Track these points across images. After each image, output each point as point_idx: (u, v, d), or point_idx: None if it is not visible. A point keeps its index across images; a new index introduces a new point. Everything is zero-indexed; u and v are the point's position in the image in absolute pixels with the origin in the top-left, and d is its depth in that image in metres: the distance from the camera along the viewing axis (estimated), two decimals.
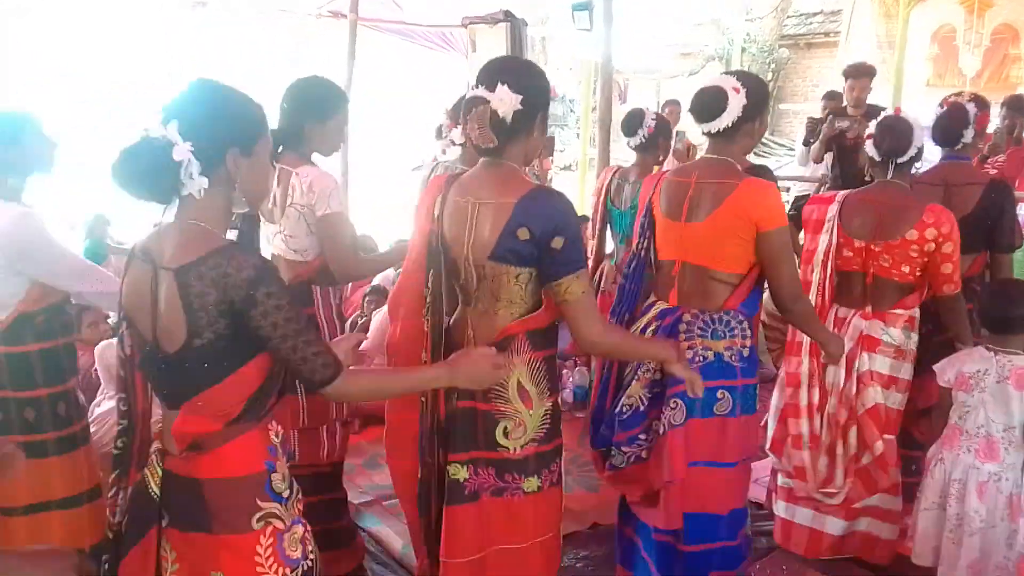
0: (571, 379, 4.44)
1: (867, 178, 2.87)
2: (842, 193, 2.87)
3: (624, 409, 2.22)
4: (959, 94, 3.19)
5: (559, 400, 1.95)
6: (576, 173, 8.39)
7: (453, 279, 1.89)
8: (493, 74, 1.75)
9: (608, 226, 3.78)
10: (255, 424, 1.43)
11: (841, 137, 4.78)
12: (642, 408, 2.20)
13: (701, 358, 2.17)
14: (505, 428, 1.82)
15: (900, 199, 2.69)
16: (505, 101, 1.71)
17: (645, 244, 2.32)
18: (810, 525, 2.88)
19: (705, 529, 2.26)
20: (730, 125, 2.14)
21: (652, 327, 2.25)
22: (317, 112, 2.37)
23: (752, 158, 3.76)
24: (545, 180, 7.13)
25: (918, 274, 2.70)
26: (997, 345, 2.48)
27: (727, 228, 2.13)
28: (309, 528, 1.51)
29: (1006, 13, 7.92)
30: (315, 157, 2.42)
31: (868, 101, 5.03)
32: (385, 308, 3.45)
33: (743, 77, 2.21)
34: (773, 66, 9.48)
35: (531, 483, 1.85)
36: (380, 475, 3.23)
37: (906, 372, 2.74)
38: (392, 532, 2.88)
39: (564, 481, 1.99)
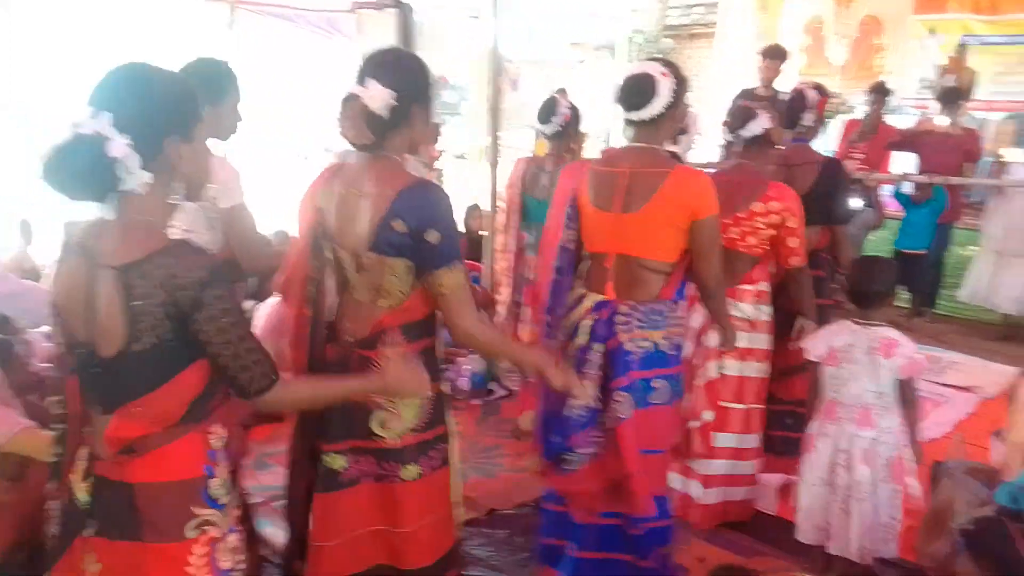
0: (468, 366, 4.44)
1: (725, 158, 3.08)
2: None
3: (576, 411, 2.21)
4: (804, 82, 3.44)
5: (449, 387, 1.98)
6: (469, 162, 8.35)
7: (337, 270, 1.87)
8: (365, 69, 1.75)
9: (525, 217, 3.79)
10: (195, 427, 1.36)
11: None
12: (595, 406, 2.22)
13: (640, 349, 2.21)
14: (380, 419, 1.82)
15: (749, 176, 2.92)
16: (376, 97, 1.71)
17: (573, 236, 2.31)
18: (681, 490, 3.06)
19: (661, 504, 2.35)
20: (661, 112, 2.15)
21: (588, 321, 2.25)
22: (208, 95, 2.29)
23: None
24: (432, 168, 7.07)
25: (766, 247, 2.87)
26: (862, 318, 2.66)
27: (663, 218, 2.15)
28: (243, 535, 1.46)
29: (872, 5, 8.41)
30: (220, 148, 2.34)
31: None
32: (268, 301, 3.36)
33: (667, 64, 2.23)
34: (659, 56, 9.74)
35: (410, 471, 1.86)
36: (268, 476, 3.15)
37: (761, 342, 2.97)
38: (283, 534, 2.81)
39: (461, 469, 2.01)
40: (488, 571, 2.76)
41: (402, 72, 1.79)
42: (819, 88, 3.38)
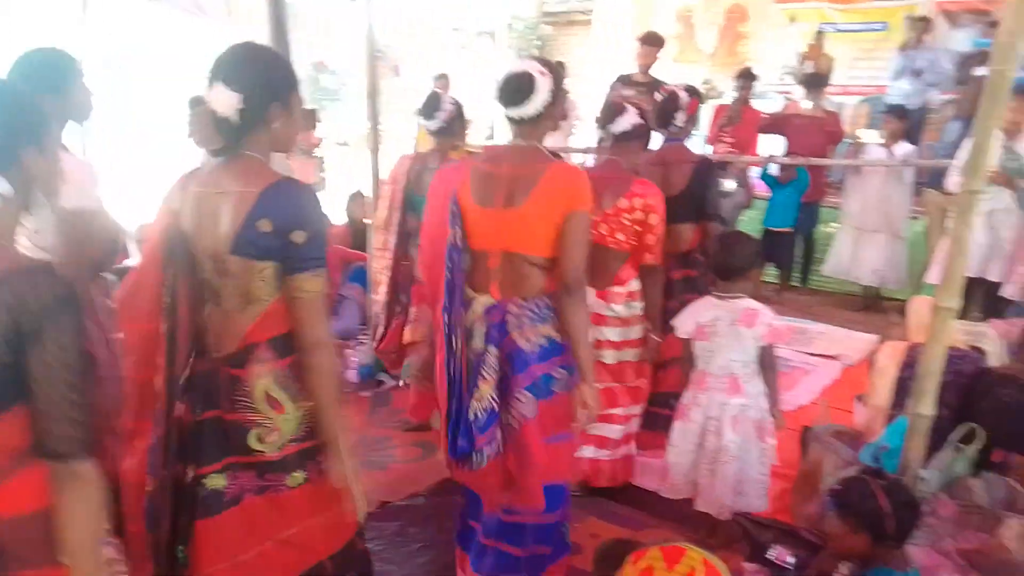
0: (355, 358, 4.35)
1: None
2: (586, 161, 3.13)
3: (478, 415, 2.18)
4: (678, 85, 3.53)
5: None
6: (352, 149, 8.18)
7: (197, 277, 1.77)
8: (213, 70, 1.64)
9: (410, 214, 3.68)
10: None
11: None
12: (495, 407, 2.19)
13: (536, 345, 2.21)
14: (257, 435, 1.74)
15: (616, 172, 2.98)
16: (223, 101, 1.62)
17: (461, 234, 2.26)
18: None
19: (557, 497, 2.35)
20: (541, 110, 2.14)
21: (482, 325, 2.22)
22: (49, 84, 2.14)
23: None
24: (312, 155, 6.85)
25: (633, 243, 2.97)
26: (724, 292, 2.79)
27: (542, 212, 2.15)
28: (119, 546, 1.39)
29: None
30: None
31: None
32: None
33: (541, 61, 2.23)
34: (538, 43, 9.83)
35: (295, 478, 1.80)
36: None
37: (635, 333, 3.09)
38: None
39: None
40: (380, 564, 2.71)
41: (253, 72, 1.67)
42: (690, 89, 3.49)
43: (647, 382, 3.21)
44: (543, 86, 2.15)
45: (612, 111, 3.01)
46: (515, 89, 2.17)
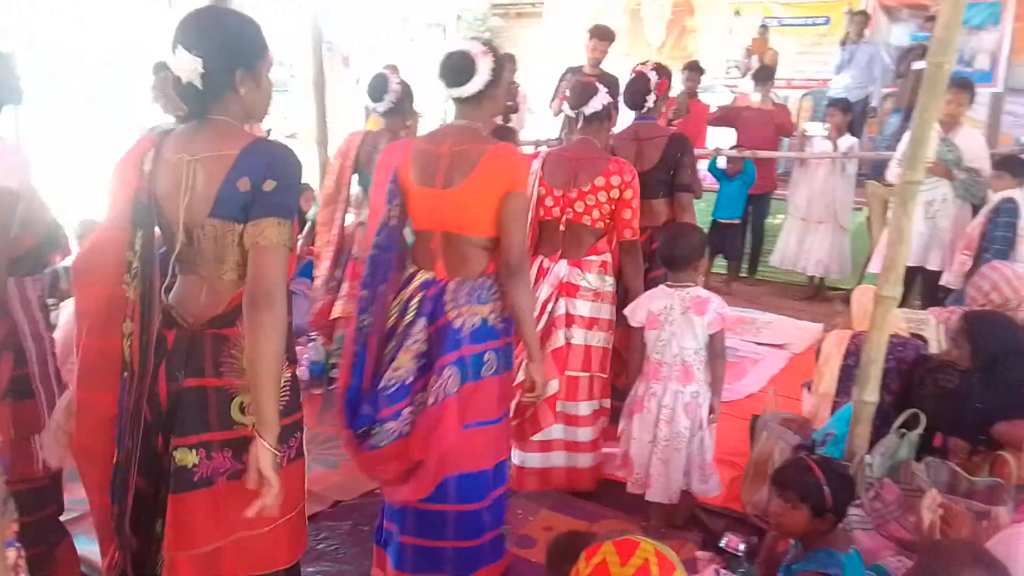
0: (307, 355, 4.28)
1: (561, 136, 3.15)
2: (545, 151, 3.13)
3: (391, 383, 2.16)
4: (644, 63, 3.57)
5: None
6: (301, 141, 8.03)
7: (167, 244, 1.71)
8: (176, 33, 1.60)
9: (355, 192, 3.68)
10: None
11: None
12: (409, 380, 2.16)
13: (470, 325, 2.19)
14: (241, 403, 1.68)
15: (591, 152, 3.02)
16: (185, 66, 1.57)
17: (396, 212, 2.26)
18: (516, 463, 3.11)
19: (477, 486, 2.30)
20: (481, 89, 2.15)
21: (416, 298, 2.21)
22: None
23: None
24: None
25: (607, 221, 3.00)
26: (675, 281, 2.84)
27: (481, 193, 2.14)
28: (23, 552, 1.28)
29: None
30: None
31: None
32: (71, 301, 3.04)
33: (486, 43, 2.23)
34: (488, 34, 9.80)
35: None
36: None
37: (606, 312, 3.08)
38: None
39: (305, 460, 1.89)
40: (334, 565, 2.67)
41: (218, 36, 1.62)
42: (659, 68, 3.53)
43: (605, 382, 3.18)
44: (484, 66, 2.16)
45: (585, 92, 3.06)
46: (455, 68, 2.17)
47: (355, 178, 3.72)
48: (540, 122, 8.05)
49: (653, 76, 3.43)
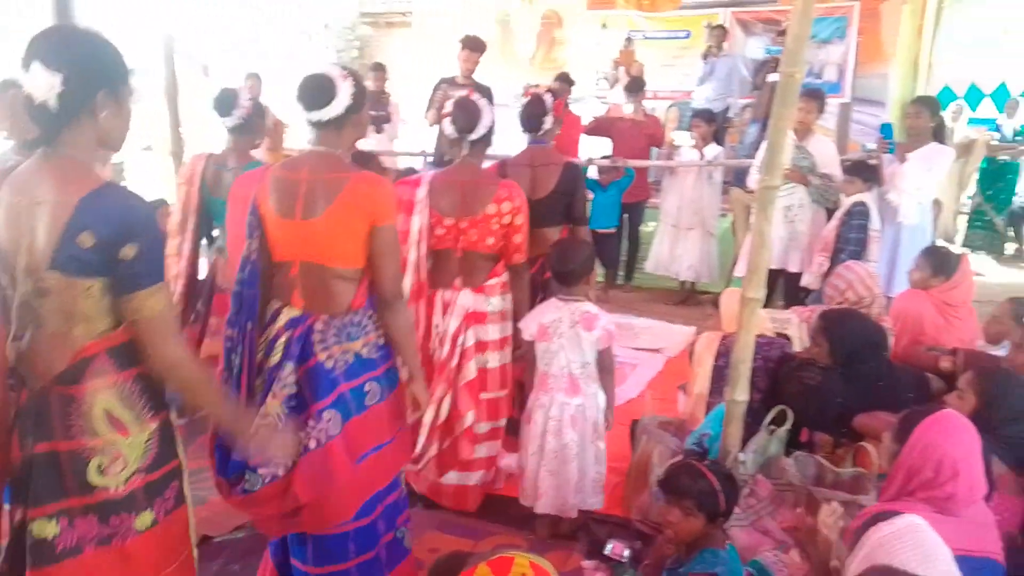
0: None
1: (446, 158, 3.06)
2: (428, 175, 3.06)
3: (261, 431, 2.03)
4: (536, 86, 3.56)
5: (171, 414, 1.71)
6: (157, 154, 7.61)
7: (10, 293, 1.57)
8: (30, 49, 1.46)
9: (208, 218, 3.46)
10: None
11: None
12: (280, 426, 2.06)
13: (343, 363, 2.11)
14: (99, 465, 1.54)
15: (478, 177, 2.95)
16: (41, 84, 1.43)
17: (256, 246, 2.14)
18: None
19: (372, 501, 2.25)
20: (342, 113, 2.07)
21: (282, 338, 2.10)
22: None
23: None
24: (108, 162, 6.26)
25: (502, 244, 2.98)
26: (565, 295, 2.83)
27: (343, 223, 2.06)
28: None
29: (551, 1, 9.04)
30: None
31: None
32: None
33: (345, 67, 2.16)
34: (357, 43, 9.62)
35: (144, 519, 1.61)
36: None
37: (509, 329, 3.06)
38: None
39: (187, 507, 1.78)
40: None
41: (84, 52, 1.49)
42: (552, 91, 3.55)
43: (511, 398, 3.17)
44: (344, 89, 2.08)
45: (471, 117, 2.91)
46: (315, 91, 2.09)
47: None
48: (413, 132, 7.97)
49: (548, 99, 3.42)
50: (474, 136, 2.92)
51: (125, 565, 1.60)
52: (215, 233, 3.54)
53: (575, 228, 3.41)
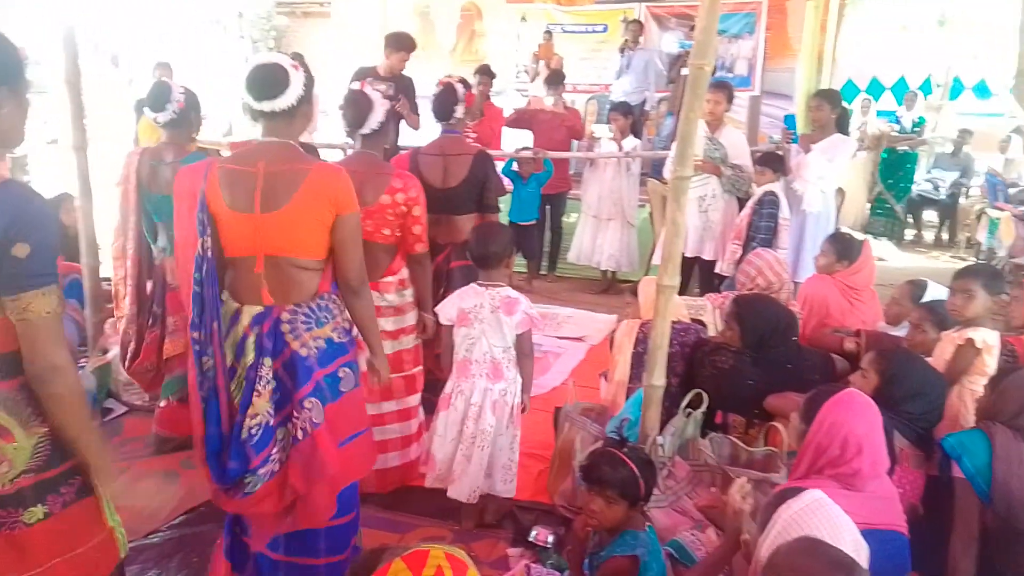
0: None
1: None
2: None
3: (254, 431, 2.05)
4: (450, 76, 3.56)
5: None
6: (63, 147, 7.27)
7: None
8: None
9: (149, 216, 3.34)
10: None
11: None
12: (271, 423, 2.07)
13: (316, 350, 2.11)
14: None
15: (373, 168, 2.93)
16: None
17: (210, 243, 2.10)
18: None
19: (350, 499, 2.29)
20: (294, 103, 2.05)
21: (251, 337, 2.08)
22: None
23: None
24: (5, 156, 5.98)
25: (398, 235, 2.96)
26: (485, 280, 2.85)
27: (307, 215, 2.05)
28: None
29: None
30: None
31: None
32: None
33: (295, 57, 2.15)
34: (274, 33, 9.39)
35: (34, 513, 1.59)
36: None
37: (410, 319, 3.07)
38: None
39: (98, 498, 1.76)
40: None
41: None
42: (464, 81, 3.56)
43: (422, 370, 3.19)
44: (296, 80, 2.07)
45: (359, 112, 2.89)
46: (267, 81, 2.06)
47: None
48: (333, 125, 7.82)
49: (460, 88, 3.44)
50: (365, 131, 2.91)
51: (16, 552, 1.60)
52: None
53: (486, 217, 3.44)
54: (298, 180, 2.06)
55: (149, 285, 3.47)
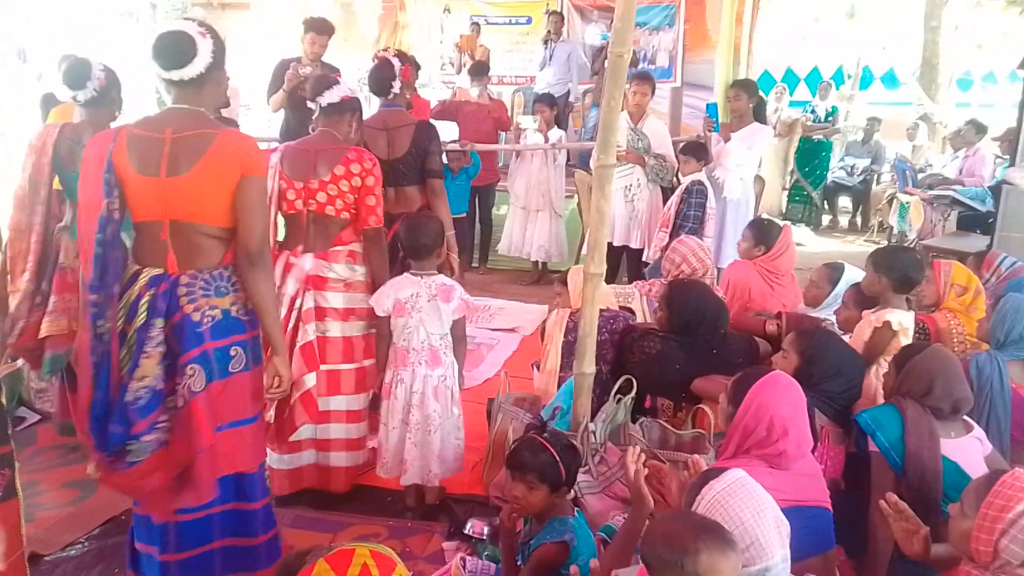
0: None
1: (312, 128, 3.06)
2: (283, 145, 3.07)
3: (140, 394, 1.99)
4: (386, 49, 3.55)
5: None
6: None
7: None
8: None
9: (59, 194, 3.20)
10: None
11: (301, 87, 4.74)
12: (159, 387, 2.01)
13: (209, 318, 2.06)
14: None
15: (329, 143, 2.95)
16: None
17: (117, 204, 2.04)
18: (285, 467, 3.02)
19: (242, 488, 2.22)
20: (203, 71, 2.02)
21: (145, 298, 2.03)
22: None
23: None
24: None
25: (352, 210, 2.95)
26: (419, 269, 2.87)
27: (213, 179, 2.02)
28: None
29: None
30: None
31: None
32: None
33: (202, 23, 2.08)
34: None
35: None
36: None
37: (362, 302, 3.01)
38: None
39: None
40: None
41: None
42: (400, 55, 3.55)
43: (375, 365, 3.10)
44: (204, 47, 2.03)
45: (320, 83, 3.00)
46: (173, 50, 2.02)
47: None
48: (255, 118, 7.63)
49: (396, 63, 3.44)
50: (325, 101, 2.95)
51: None
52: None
53: (432, 182, 3.46)
54: (205, 145, 2.04)
55: None
